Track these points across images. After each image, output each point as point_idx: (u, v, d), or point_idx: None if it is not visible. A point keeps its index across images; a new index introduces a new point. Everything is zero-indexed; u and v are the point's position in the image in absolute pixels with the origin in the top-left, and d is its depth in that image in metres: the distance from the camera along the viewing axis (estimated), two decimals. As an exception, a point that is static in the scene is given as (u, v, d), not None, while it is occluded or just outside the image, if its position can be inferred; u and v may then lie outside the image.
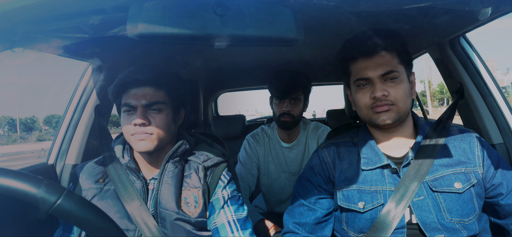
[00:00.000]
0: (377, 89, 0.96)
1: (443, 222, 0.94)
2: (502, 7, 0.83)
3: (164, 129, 1.03)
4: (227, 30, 0.62)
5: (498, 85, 1.36)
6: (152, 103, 1.02)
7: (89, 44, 1.20)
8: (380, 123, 0.97)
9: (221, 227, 1.04)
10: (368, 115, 1.00)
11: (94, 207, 0.55)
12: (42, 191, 0.50)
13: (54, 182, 0.53)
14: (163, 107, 1.05)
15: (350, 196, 1.03)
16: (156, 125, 1.02)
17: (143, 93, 1.02)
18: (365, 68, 0.98)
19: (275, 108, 1.77)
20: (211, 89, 3.06)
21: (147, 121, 1.00)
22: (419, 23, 1.20)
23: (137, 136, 1.00)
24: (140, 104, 1.01)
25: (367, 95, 0.98)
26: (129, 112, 1.03)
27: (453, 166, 0.98)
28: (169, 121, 1.07)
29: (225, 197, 1.09)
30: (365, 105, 0.99)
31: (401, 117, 0.98)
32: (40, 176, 0.53)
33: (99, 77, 1.50)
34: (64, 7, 0.69)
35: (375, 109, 0.97)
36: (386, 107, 0.96)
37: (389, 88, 0.96)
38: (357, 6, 0.73)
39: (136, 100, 1.02)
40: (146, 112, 1.02)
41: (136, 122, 0.99)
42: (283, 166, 1.87)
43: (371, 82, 0.98)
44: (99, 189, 1.07)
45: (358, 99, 1.02)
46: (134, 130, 1.00)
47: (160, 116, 1.03)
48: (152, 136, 1.01)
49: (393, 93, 0.96)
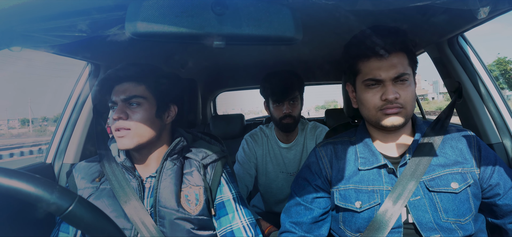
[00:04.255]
0: (389, 91, 0.93)
1: (439, 222, 0.94)
2: (500, 6, 0.83)
3: (144, 123, 1.04)
4: (226, 29, 0.62)
5: (497, 85, 1.37)
6: (130, 97, 1.04)
7: (87, 43, 1.19)
8: (388, 124, 0.96)
9: (237, 231, 1.07)
10: (376, 116, 0.98)
11: (104, 215, 0.55)
12: (55, 197, 0.51)
13: (66, 188, 0.53)
14: (142, 101, 1.05)
15: (347, 195, 1.03)
16: (135, 119, 1.03)
17: (123, 89, 1.05)
18: (378, 68, 0.95)
19: (274, 112, 1.74)
20: (209, 88, 3.06)
21: (124, 115, 1.02)
22: (418, 22, 1.21)
23: (117, 132, 1.02)
24: (119, 100, 1.03)
25: (377, 96, 0.96)
26: (112, 109, 1.06)
27: (450, 166, 0.99)
28: (151, 116, 1.06)
29: (236, 199, 1.11)
30: (374, 106, 0.97)
31: (407, 120, 0.98)
32: (46, 178, 0.53)
33: (97, 76, 1.49)
34: (62, 6, 0.68)
35: (384, 111, 0.95)
36: (396, 110, 0.94)
37: (399, 90, 0.94)
38: (356, 5, 0.73)
39: (116, 96, 1.04)
40: (126, 107, 1.03)
41: (114, 116, 1.01)
42: (281, 166, 1.86)
43: (382, 83, 0.96)
44: (95, 188, 1.07)
45: (366, 100, 0.99)
46: (114, 125, 1.02)
47: (139, 110, 1.04)
48: (130, 132, 1.02)
49: (403, 96, 0.94)
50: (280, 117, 1.71)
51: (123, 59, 1.49)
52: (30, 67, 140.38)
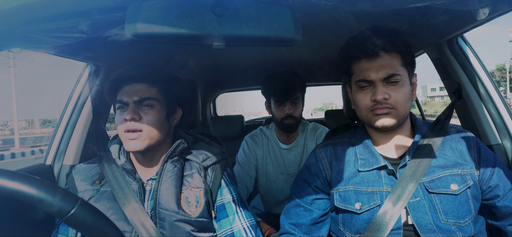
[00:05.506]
0: (378, 92, 0.95)
1: (438, 224, 0.94)
2: (499, 7, 0.83)
3: (155, 126, 1.03)
4: (226, 30, 0.62)
5: (496, 86, 1.37)
6: (144, 99, 1.03)
7: (87, 45, 1.19)
8: (378, 125, 0.97)
9: (237, 232, 1.07)
10: (367, 117, 1.00)
11: (105, 218, 0.55)
12: (58, 199, 0.51)
13: (69, 191, 0.54)
14: (155, 104, 1.05)
15: (346, 196, 1.03)
16: (147, 122, 1.02)
17: (135, 90, 1.03)
18: (368, 69, 0.97)
19: (275, 112, 1.74)
20: (209, 89, 3.06)
21: (137, 116, 1.01)
22: (417, 23, 1.21)
23: (128, 134, 1.01)
24: (131, 101, 1.02)
25: (367, 97, 0.98)
26: (122, 109, 1.04)
27: (450, 168, 0.99)
28: (162, 118, 1.06)
29: (236, 201, 1.11)
30: (365, 106, 0.99)
31: (400, 121, 0.98)
32: (49, 181, 0.53)
33: (97, 78, 1.49)
34: (62, 7, 0.68)
35: (374, 112, 0.97)
36: (386, 110, 0.95)
37: (390, 91, 0.95)
38: (355, 6, 0.73)
39: (128, 96, 1.03)
40: (138, 108, 1.02)
41: (126, 117, 1.00)
42: (282, 167, 1.86)
43: (373, 84, 0.97)
44: (96, 191, 1.06)
45: (358, 100, 1.01)
46: (125, 126, 1.01)
47: (151, 112, 1.03)
48: (141, 133, 1.01)
49: (394, 97, 0.95)
50: (282, 118, 1.71)
51: (123, 60, 1.49)
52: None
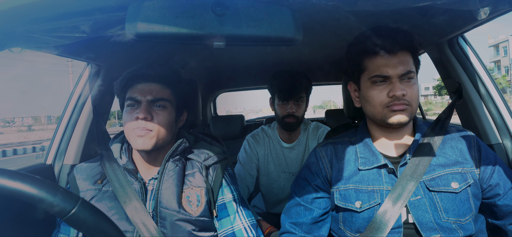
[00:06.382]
0: (396, 88, 0.94)
1: (439, 222, 0.94)
2: (500, 6, 0.83)
3: (165, 127, 1.03)
4: (226, 29, 0.62)
5: (497, 86, 1.37)
6: (158, 99, 1.03)
7: (87, 44, 1.19)
8: (394, 121, 0.96)
9: (238, 232, 1.07)
10: (382, 113, 0.98)
11: (106, 217, 0.55)
12: (59, 199, 0.51)
13: (70, 191, 0.54)
14: (167, 105, 1.05)
15: (347, 195, 1.03)
16: (158, 122, 1.02)
17: (149, 89, 1.03)
18: (386, 65, 0.96)
19: (278, 109, 1.75)
20: (209, 89, 3.06)
21: (150, 116, 1.01)
22: (418, 23, 1.21)
23: (137, 131, 1.00)
24: (145, 100, 1.02)
25: (384, 93, 0.97)
26: (133, 107, 1.04)
27: (450, 166, 0.99)
28: (171, 120, 1.07)
29: (237, 200, 1.11)
30: (380, 103, 0.97)
31: (411, 118, 0.98)
32: (49, 180, 0.53)
33: (98, 77, 1.49)
34: (62, 7, 0.68)
35: (391, 108, 0.96)
36: (403, 106, 0.95)
37: (406, 88, 0.95)
38: (356, 6, 0.73)
39: (141, 95, 1.02)
40: (150, 108, 1.02)
41: (139, 116, 0.99)
42: (283, 166, 1.86)
43: (388, 80, 0.96)
44: (98, 191, 1.06)
45: (372, 96, 0.99)
46: (135, 124, 1.00)
47: (163, 113, 1.03)
48: (151, 132, 1.01)
49: (409, 94, 0.95)
50: (283, 116, 1.72)
51: (123, 60, 1.49)
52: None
